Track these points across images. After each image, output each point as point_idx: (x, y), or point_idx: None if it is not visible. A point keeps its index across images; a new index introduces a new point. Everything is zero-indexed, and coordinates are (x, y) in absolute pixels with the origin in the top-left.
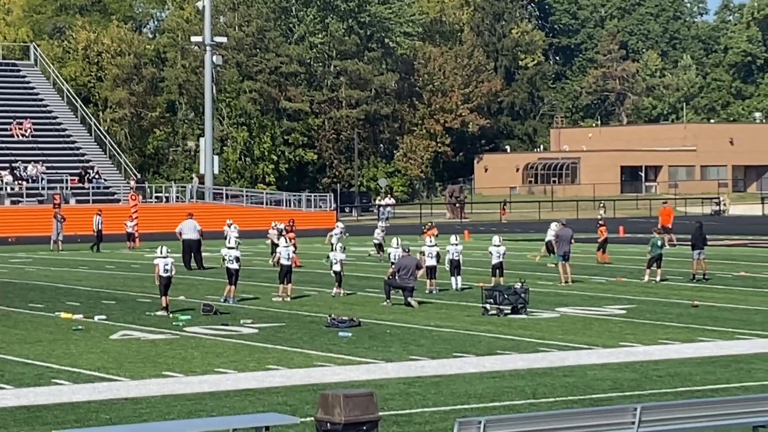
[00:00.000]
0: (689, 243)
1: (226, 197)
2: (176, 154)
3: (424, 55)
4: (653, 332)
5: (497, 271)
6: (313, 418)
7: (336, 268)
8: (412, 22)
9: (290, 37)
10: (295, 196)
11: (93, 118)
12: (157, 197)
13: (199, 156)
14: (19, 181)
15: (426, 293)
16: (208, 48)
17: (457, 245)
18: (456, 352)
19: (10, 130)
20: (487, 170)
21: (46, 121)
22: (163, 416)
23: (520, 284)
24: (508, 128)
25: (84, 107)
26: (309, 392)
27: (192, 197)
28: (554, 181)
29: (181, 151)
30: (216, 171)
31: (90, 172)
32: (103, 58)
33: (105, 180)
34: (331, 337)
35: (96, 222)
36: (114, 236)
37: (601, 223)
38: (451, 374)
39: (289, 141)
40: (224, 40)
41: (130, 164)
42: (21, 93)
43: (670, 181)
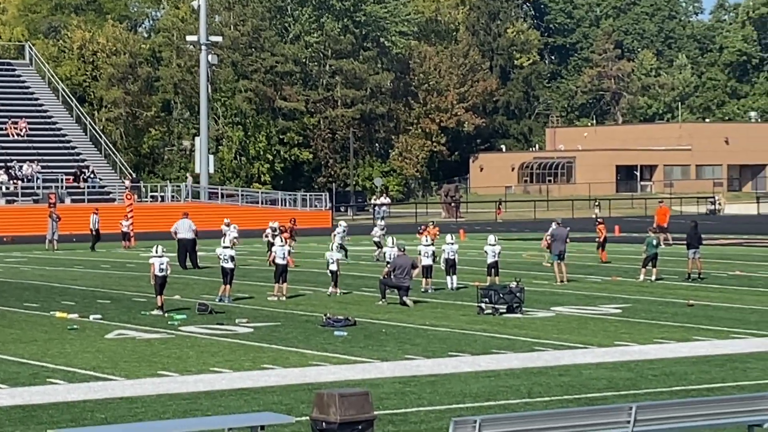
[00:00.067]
0: (684, 242)
1: (222, 197)
2: (171, 154)
3: (420, 55)
4: (648, 331)
5: (493, 270)
6: (308, 418)
7: (332, 267)
8: (408, 22)
9: (285, 37)
10: (290, 195)
11: (88, 118)
12: (152, 197)
13: (194, 155)
14: (15, 181)
15: (421, 292)
16: (204, 47)
17: (452, 244)
18: (451, 352)
19: (6, 129)
20: (482, 169)
21: (42, 120)
22: (159, 415)
23: (515, 283)
24: (503, 127)
25: (79, 106)
26: (304, 391)
27: (187, 197)
28: (550, 181)
29: (177, 151)
30: (211, 170)
31: (85, 171)
32: (98, 57)
33: (100, 179)
34: (327, 337)
35: (93, 221)
36: (109, 235)
37: (599, 221)
38: (447, 373)
39: (285, 140)
40: (219, 39)
41: (126, 164)
42: (16, 92)
43: (666, 181)
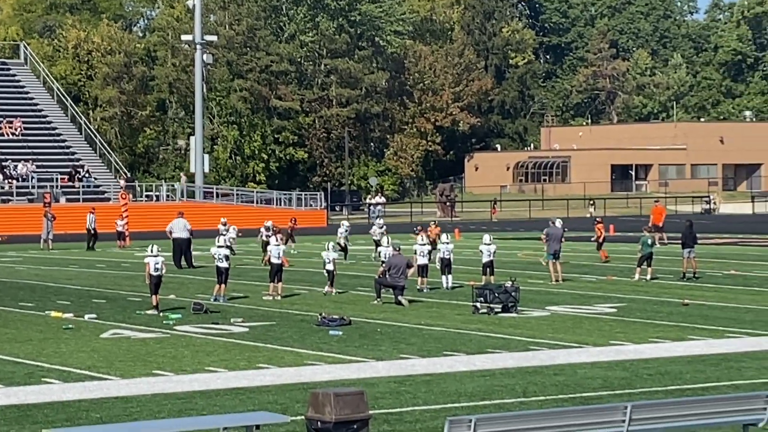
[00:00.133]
0: (679, 241)
1: (217, 196)
2: (166, 153)
3: (415, 54)
4: (644, 331)
5: (488, 269)
6: (303, 417)
7: (329, 267)
8: (403, 21)
9: (281, 36)
10: (285, 194)
11: (83, 117)
12: (147, 196)
13: (189, 155)
14: (9, 180)
15: (417, 291)
16: (199, 46)
17: (447, 244)
18: (446, 351)
19: (0, 128)
20: (477, 169)
21: (37, 119)
22: (154, 415)
23: (510, 283)
24: (498, 127)
25: (74, 106)
26: (299, 391)
27: (182, 196)
28: (545, 180)
29: (172, 150)
30: (206, 170)
31: (80, 170)
32: (93, 56)
33: (95, 179)
34: (322, 336)
35: (90, 220)
36: (104, 235)
37: (598, 221)
38: (442, 373)
39: (280, 140)
40: (215, 38)
41: (121, 163)
42: (11, 92)
43: (661, 180)
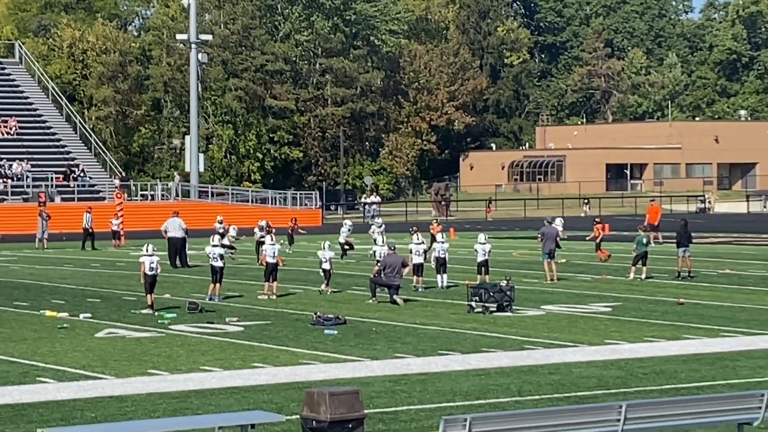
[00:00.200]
0: (674, 241)
1: (212, 195)
2: (161, 152)
3: (410, 53)
4: (639, 330)
5: (483, 268)
6: (298, 416)
7: (325, 266)
8: (398, 20)
9: (276, 35)
10: (280, 194)
11: (78, 116)
12: (142, 195)
13: (184, 154)
14: (4, 179)
15: (412, 290)
16: (194, 46)
17: (443, 243)
18: (441, 350)
19: None
20: (472, 168)
21: (31, 119)
22: (149, 414)
23: (505, 282)
24: (493, 126)
25: (69, 105)
26: (294, 390)
27: (177, 195)
28: (540, 179)
29: (167, 149)
30: (201, 169)
31: (75, 170)
32: (88, 55)
33: (90, 178)
34: (317, 335)
35: (86, 219)
36: (99, 234)
37: (597, 220)
38: (437, 372)
39: (275, 139)
40: (209, 37)
41: (116, 162)
42: (6, 91)
43: (656, 179)
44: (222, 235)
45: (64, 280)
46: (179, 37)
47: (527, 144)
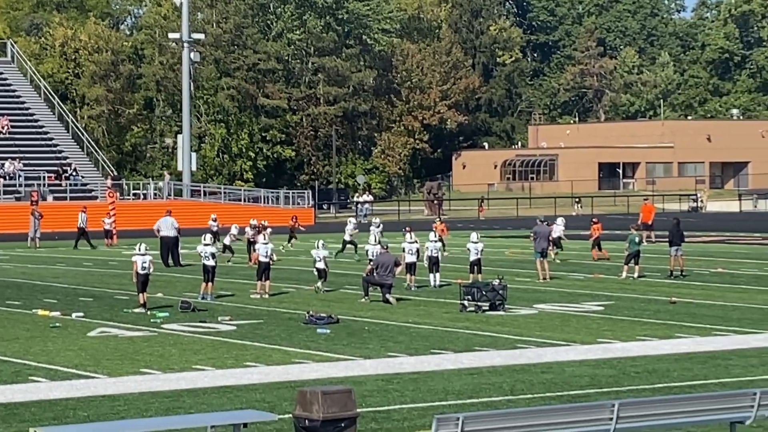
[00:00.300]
0: (667, 239)
1: (204, 194)
2: (154, 151)
3: (402, 52)
4: (631, 329)
5: (475, 267)
6: (291, 415)
7: (319, 265)
8: (390, 19)
9: (268, 34)
10: (273, 193)
11: (70, 115)
12: (134, 194)
13: (176, 153)
14: None
15: (404, 289)
16: (186, 45)
17: (435, 242)
18: (434, 349)
19: None
20: (465, 167)
21: (24, 117)
22: (141, 413)
23: (498, 281)
24: (486, 125)
25: (61, 104)
26: (287, 389)
27: (170, 194)
28: (532, 178)
29: (159, 148)
30: (194, 168)
31: (67, 169)
32: (80, 54)
33: (82, 177)
34: (310, 334)
35: (81, 219)
36: (92, 233)
37: (594, 221)
38: (429, 371)
39: (267, 138)
40: (202, 36)
41: (108, 161)
42: None
43: (648, 178)
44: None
45: (57, 279)
46: (171, 36)
47: (520, 143)
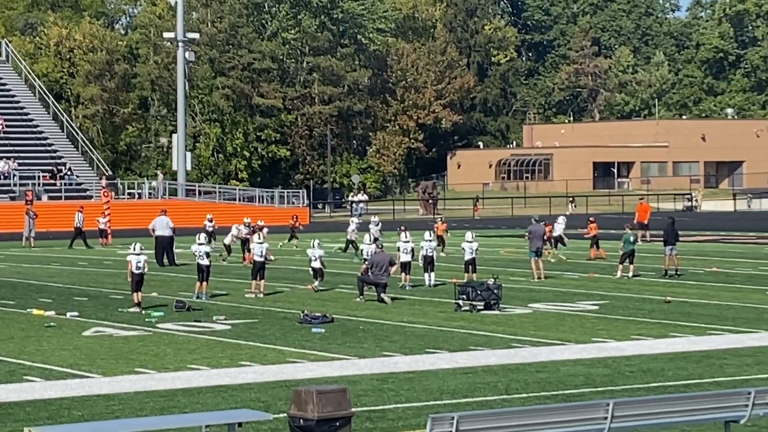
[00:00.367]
0: (661, 239)
1: (199, 194)
2: (149, 151)
3: (397, 52)
4: (626, 328)
5: (470, 267)
6: (286, 415)
7: (315, 264)
8: (385, 19)
9: (263, 34)
10: (267, 192)
11: (65, 115)
12: (129, 194)
13: (171, 152)
14: None
15: (399, 288)
16: (181, 44)
17: (430, 241)
18: (429, 348)
19: None
20: (459, 166)
21: (18, 117)
22: (136, 413)
23: (492, 280)
24: (480, 124)
25: (56, 103)
26: (282, 388)
27: (164, 194)
28: (527, 177)
29: (154, 148)
30: (188, 167)
31: (62, 168)
32: (75, 54)
33: (77, 177)
34: (304, 334)
35: (78, 219)
36: (87, 233)
37: (591, 220)
38: (424, 370)
39: (262, 137)
40: (197, 36)
41: (103, 161)
42: None
43: (643, 177)
44: (210, 233)
45: (51, 278)
46: (166, 35)
47: (514, 142)
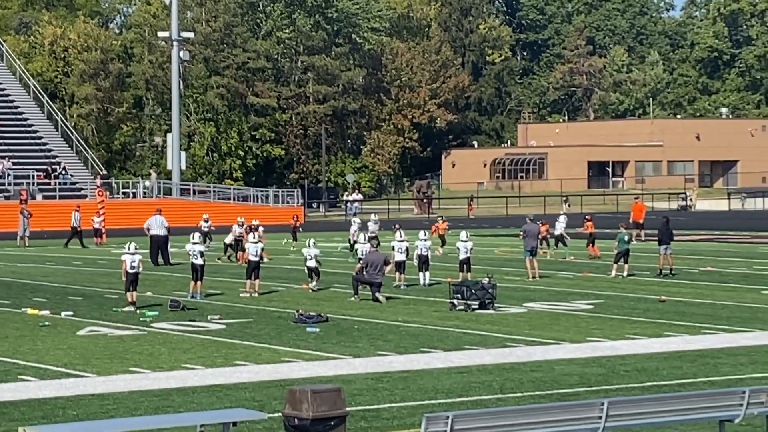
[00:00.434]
0: (656, 238)
1: (194, 193)
2: (143, 150)
3: (392, 51)
4: (620, 327)
5: (465, 266)
6: (280, 414)
7: (311, 264)
8: (380, 18)
9: (257, 33)
10: (262, 191)
11: (59, 114)
12: (124, 193)
13: (166, 152)
14: None
15: (393, 287)
16: (175, 43)
17: (425, 241)
18: (424, 348)
19: None
20: (454, 166)
21: (13, 116)
22: (130, 412)
23: (487, 279)
24: (475, 124)
25: (50, 103)
26: (276, 388)
27: (159, 193)
28: (521, 177)
29: (148, 147)
30: (183, 167)
31: (57, 168)
32: (69, 53)
33: (72, 176)
34: (299, 333)
35: (75, 218)
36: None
37: (587, 218)
38: (419, 369)
39: (257, 137)
40: (191, 35)
41: (97, 160)
42: None
43: (637, 177)
44: (206, 233)
45: (46, 278)
46: (161, 34)
47: (509, 141)
